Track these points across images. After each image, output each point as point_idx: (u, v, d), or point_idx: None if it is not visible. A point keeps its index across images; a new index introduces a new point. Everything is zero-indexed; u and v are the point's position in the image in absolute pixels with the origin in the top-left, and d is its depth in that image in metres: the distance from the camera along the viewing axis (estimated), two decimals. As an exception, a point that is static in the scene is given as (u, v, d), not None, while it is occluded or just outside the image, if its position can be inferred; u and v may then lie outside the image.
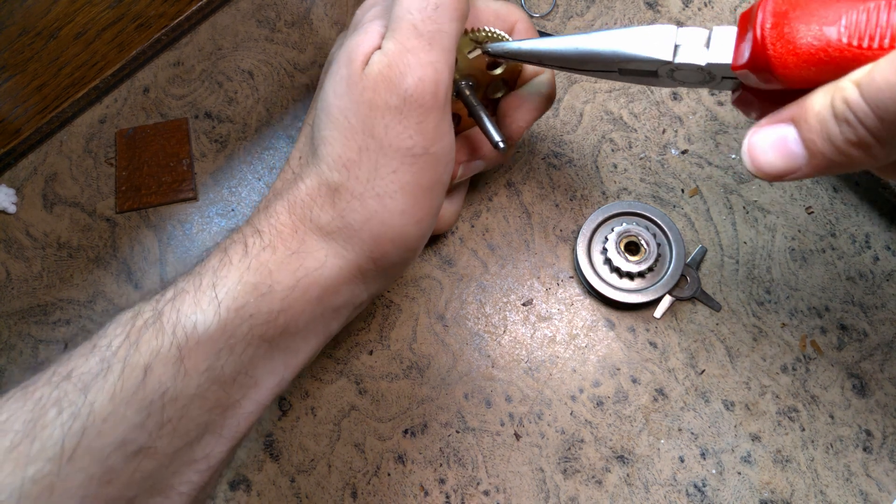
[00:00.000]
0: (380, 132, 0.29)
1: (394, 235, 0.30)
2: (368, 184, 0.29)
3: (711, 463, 0.42)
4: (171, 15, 0.52)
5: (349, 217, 0.30)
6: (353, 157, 0.29)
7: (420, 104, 0.29)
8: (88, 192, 0.50)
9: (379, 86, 0.28)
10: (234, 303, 0.28)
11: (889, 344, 0.44)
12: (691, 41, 0.27)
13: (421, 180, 0.30)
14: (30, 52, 0.51)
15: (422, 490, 0.42)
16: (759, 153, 0.25)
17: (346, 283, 0.31)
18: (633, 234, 0.44)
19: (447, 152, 0.31)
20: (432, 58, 0.29)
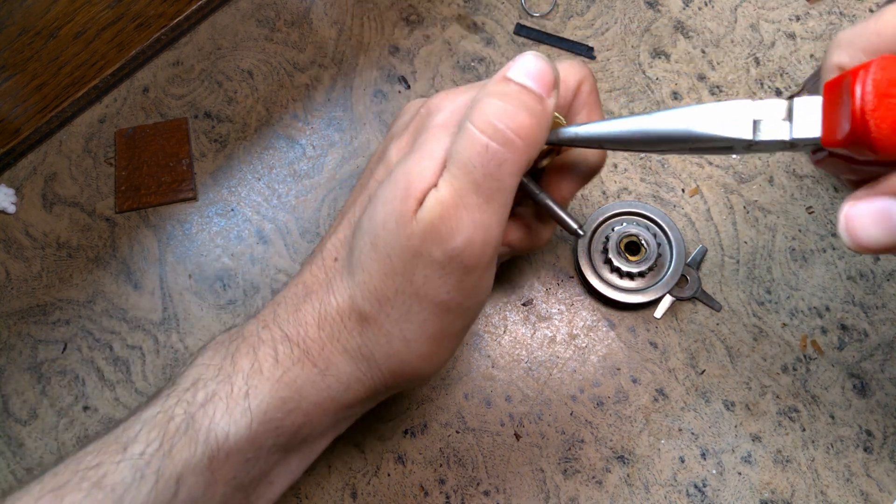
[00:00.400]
0: (419, 280, 0.28)
1: (411, 374, 0.31)
2: (397, 325, 0.29)
3: (712, 463, 0.42)
4: (170, 14, 0.52)
5: (373, 349, 0.30)
6: (388, 296, 0.29)
7: (465, 265, 0.28)
8: (88, 192, 0.50)
9: (427, 236, 0.27)
10: (264, 415, 0.29)
11: (890, 344, 0.44)
12: (771, 115, 0.26)
13: (448, 330, 0.30)
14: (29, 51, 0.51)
15: (422, 490, 0.42)
16: (859, 228, 0.24)
17: (361, 401, 0.32)
18: (633, 234, 0.44)
19: (481, 304, 0.31)
20: (486, 218, 0.27)
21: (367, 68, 0.52)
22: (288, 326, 0.31)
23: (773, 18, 0.51)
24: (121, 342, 0.46)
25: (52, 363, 0.46)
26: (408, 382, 0.32)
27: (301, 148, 0.50)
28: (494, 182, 0.27)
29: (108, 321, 0.47)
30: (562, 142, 0.30)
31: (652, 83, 0.49)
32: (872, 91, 0.22)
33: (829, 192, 0.47)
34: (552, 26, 0.51)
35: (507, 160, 0.26)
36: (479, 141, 0.26)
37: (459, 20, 0.52)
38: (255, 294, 0.47)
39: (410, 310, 0.29)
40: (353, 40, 0.52)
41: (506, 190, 0.27)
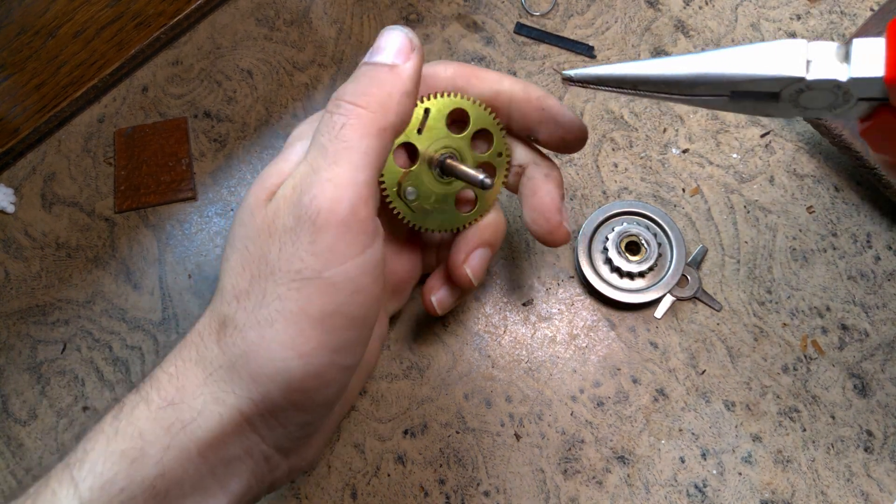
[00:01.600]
0: (273, 256, 0.26)
1: (271, 372, 0.26)
2: (253, 314, 0.26)
3: (712, 463, 0.42)
4: (170, 13, 0.51)
5: (229, 352, 0.26)
6: (245, 288, 0.27)
7: (312, 221, 0.26)
8: (87, 192, 0.50)
9: (280, 209, 0.27)
10: (97, 480, 0.24)
11: (890, 344, 0.43)
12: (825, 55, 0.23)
13: (309, 308, 0.26)
14: (28, 50, 0.51)
15: (422, 490, 0.42)
16: None
17: (232, 433, 0.27)
18: (633, 234, 0.44)
19: (350, 279, 0.26)
20: (333, 174, 0.26)
21: (367, 67, 0.51)
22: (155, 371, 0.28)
23: (774, 17, 0.51)
24: (120, 342, 0.46)
25: (51, 363, 0.46)
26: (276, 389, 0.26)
27: (301, 147, 0.50)
28: (341, 143, 0.27)
29: (107, 321, 0.47)
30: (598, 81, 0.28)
31: (652, 82, 0.49)
32: None
33: (829, 191, 0.47)
34: (552, 25, 0.51)
35: (350, 123, 0.27)
36: (325, 117, 0.28)
37: (459, 19, 0.52)
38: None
39: (266, 292, 0.26)
40: (352, 39, 0.52)
41: (355, 149, 0.27)
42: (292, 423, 0.28)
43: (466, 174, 0.34)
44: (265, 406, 0.27)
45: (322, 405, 0.29)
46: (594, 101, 0.49)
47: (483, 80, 0.35)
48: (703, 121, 0.49)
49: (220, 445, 0.26)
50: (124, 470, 0.25)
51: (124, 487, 0.25)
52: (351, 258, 0.27)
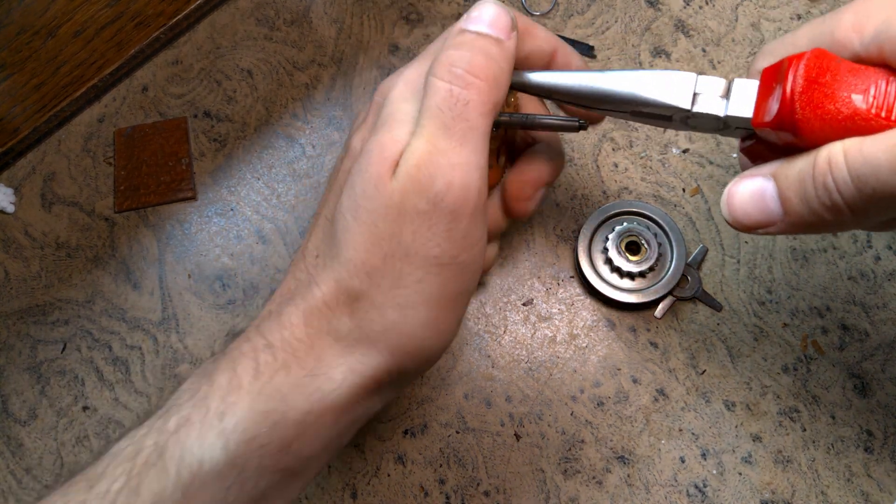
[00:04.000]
0: (407, 238, 0.27)
1: (413, 348, 0.28)
2: (390, 293, 0.27)
3: (712, 463, 0.42)
4: (169, 13, 0.51)
5: (367, 328, 0.28)
6: (377, 265, 0.27)
7: (450, 210, 0.27)
8: (87, 192, 0.50)
9: (408, 189, 0.27)
10: (243, 435, 0.26)
11: (890, 344, 0.43)
12: (710, 90, 0.27)
13: (446, 291, 0.28)
14: (28, 50, 0.51)
15: (422, 490, 0.42)
16: (737, 204, 0.26)
17: (362, 399, 0.29)
18: (633, 234, 0.44)
19: (476, 260, 0.29)
20: (462, 159, 0.27)
21: (367, 67, 0.51)
22: (271, 334, 0.28)
23: (774, 17, 0.51)
24: (120, 342, 0.46)
25: (51, 363, 0.46)
26: (414, 362, 0.29)
27: (301, 147, 0.50)
28: (464, 122, 0.27)
29: (107, 321, 0.47)
30: (521, 85, 0.31)
31: (652, 82, 0.49)
32: (803, 76, 0.24)
33: (830, 191, 0.47)
34: (552, 25, 0.51)
35: (473, 100, 0.27)
36: (443, 87, 0.27)
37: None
38: (254, 294, 0.47)
39: (402, 273, 0.27)
40: (352, 39, 0.52)
41: (477, 129, 0.27)
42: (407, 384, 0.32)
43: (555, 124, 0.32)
44: (397, 374, 0.29)
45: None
46: (594, 100, 0.49)
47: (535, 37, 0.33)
48: (703, 121, 0.49)
49: (352, 409, 0.29)
50: (267, 430, 0.26)
51: (265, 444, 0.26)
52: (479, 242, 0.28)
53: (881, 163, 0.21)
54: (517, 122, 0.32)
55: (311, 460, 0.29)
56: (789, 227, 0.25)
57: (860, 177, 0.22)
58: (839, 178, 0.22)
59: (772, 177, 0.25)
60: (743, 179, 0.26)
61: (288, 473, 0.28)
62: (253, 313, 0.46)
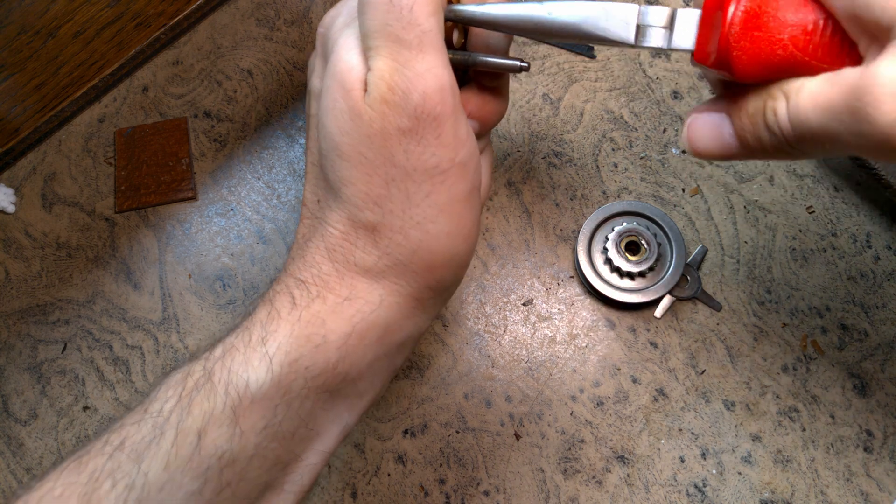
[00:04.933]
0: (401, 159, 0.27)
1: (445, 259, 0.29)
2: (405, 214, 0.28)
3: (712, 463, 0.42)
4: (170, 13, 0.51)
5: (395, 253, 0.28)
6: (382, 192, 0.28)
7: (433, 117, 0.27)
8: (87, 192, 0.50)
9: (385, 112, 0.27)
10: (286, 357, 0.27)
11: (890, 344, 0.44)
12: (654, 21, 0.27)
13: (457, 194, 0.28)
14: (28, 50, 0.51)
15: (422, 490, 0.42)
16: (697, 137, 0.28)
17: (407, 317, 0.30)
18: (633, 234, 0.44)
19: (473, 154, 0.29)
20: (428, 63, 0.27)
21: (367, 67, 0.51)
22: (300, 272, 0.29)
23: (774, 17, 0.51)
24: (120, 342, 0.46)
25: (51, 363, 0.46)
26: (449, 271, 0.30)
27: (301, 147, 0.50)
28: (415, 28, 0.26)
29: (107, 321, 0.47)
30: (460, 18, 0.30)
31: (652, 82, 0.49)
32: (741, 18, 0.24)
33: (829, 191, 0.47)
34: (552, 25, 0.51)
35: (417, 3, 0.26)
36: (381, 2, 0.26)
37: None
38: (255, 294, 0.47)
39: (409, 192, 0.28)
40: (352, 39, 0.52)
41: (431, 31, 0.27)
42: (451, 294, 0.32)
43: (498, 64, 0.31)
44: (437, 286, 0.30)
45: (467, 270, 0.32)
46: (594, 101, 0.49)
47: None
48: (702, 121, 0.49)
49: (397, 330, 0.29)
50: (309, 352, 0.27)
51: (309, 366, 0.27)
52: (469, 137, 0.28)
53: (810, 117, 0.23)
54: (459, 60, 0.31)
55: (359, 382, 0.29)
56: (745, 156, 0.27)
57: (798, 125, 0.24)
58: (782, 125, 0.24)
59: (727, 115, 0.27)
60: (702, 114, 0.28)
61: (336, 395, 0.29)
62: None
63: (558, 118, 0.49)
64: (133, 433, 0.26)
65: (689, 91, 0.49)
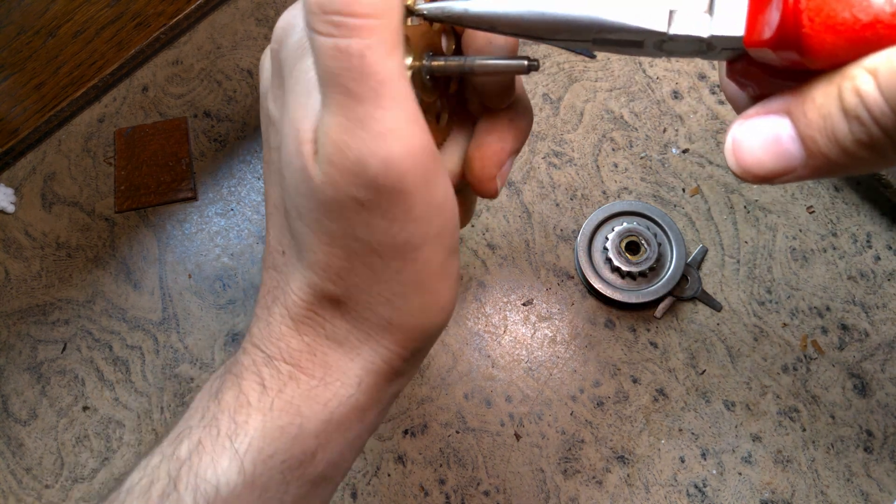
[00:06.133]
0: (363, 233, 0.23)
1: (420, 333, 0.26)
2: (372, 290, 0.25)
3: (712, 463, 0.42)
4: (169, 13, 0.51)
5: (365, 328, 0.26)
6: (344, 265, 0.24)
7: (398, 189, 0.22)
8: (87, 192, 0.50)
9: (337, 181, 0.22)
10: (259, 454, 0.24)
11: (890, 344, 0.43)
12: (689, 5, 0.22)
13: (431, 267, 0.24)
14: (28, 50, 0.51)
15: (422, 490, 0.42)
16: (747, 151, 0.21)
17: (385, 387, 0.27)
18: (633, 234, 0.44)
19: (451, 219, 0.24)
20: (388, 123, 0.21)
21: (367, 67, 0.51)
22: (266, 345, 0.26)
23: (774, 17, 0.51)
24: (120, 342, 0.46)
25: (51, 363, 0.46)
26: (425, 339, 0.27)
27: (301, 147, 0.50)
28: (370, 78, 0.21)
29: (107, 321, 0.47)
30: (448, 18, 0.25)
31: (652, 82, 0.49)
32: None
33: (829, 191, 0.47)
34: (552, 25, 0.51)
35: (368, 46, 0.20)
36: (326, 45, 0.21)
37: None
38: (255, 294, 0.47)
39: (375, 268, 0.24)
40: (352, 39, 0.52)
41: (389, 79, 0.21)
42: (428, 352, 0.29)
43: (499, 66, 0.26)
44: (412, 354, 0.27)
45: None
46: (594, 100, 0.49)
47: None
48: (703, 120, 0.49)
49: (376, 403, 0.27)
50: (285, 445, 0.25)
51: (286, 459, 0.25)
52: (447, 201, 0.24)
53: None
54: (453, 68, 0.26)
55: (341, 462, 0.27)
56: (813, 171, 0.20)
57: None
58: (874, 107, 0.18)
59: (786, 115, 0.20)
60: (748, 120, 0.21)
61: (317, 481, 0.27)
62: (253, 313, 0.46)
63: (558, 118, 0.49)
64: None
65: (689, 91, 0.49)
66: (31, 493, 0.44)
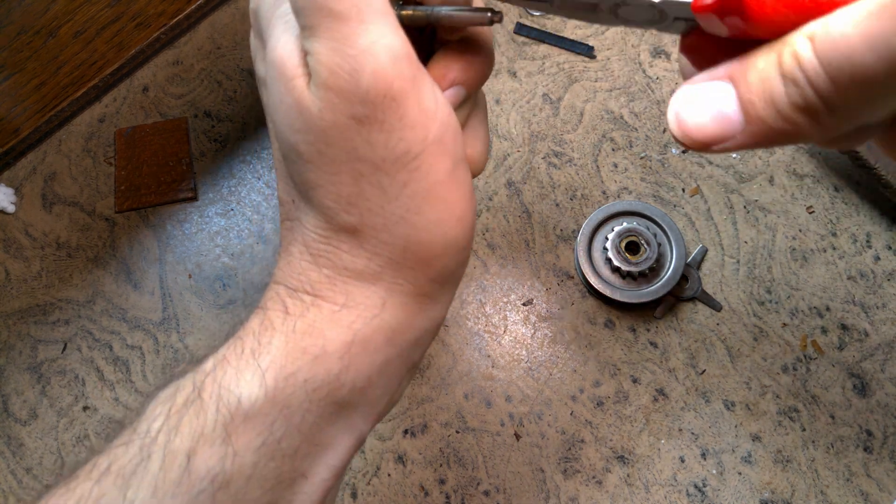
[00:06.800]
0: (365, 151, 0.24)
1: (441, 249, 0.26)
2: (385, 211, 0.25)
3: (712, 463, 0.42)
4: (170, 13, 0.51)
5: (385, 252, 0.26)
6: (353, 191, 0.25)
7: (391, 98, 0.23)
8: (87, 192, 0.50)
9: (333, 101, 0.23)
10: (281, 371, 0.25)
11: (890, 344, 0.44)
12: None
13: (438, 177, 0.25)
14: (28, 50, 0.51)
15: (422, 490, 0.42)
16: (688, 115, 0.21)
17: (416, 313, 0.27)
18: (633, 234, 0.44)
19: (449, 124, 0.25)
20: (374, 35, 0.22)
21: (367, 67, 0.51)
22: (288, 279, 0.27)
23: (774, 17, 0.51)
24: (120, 342, 0.46)
25: (51, 363, 0.46)
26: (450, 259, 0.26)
27: (301, 147, 0.50)
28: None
29: (107, 321, 0.47)
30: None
31: (652, 82, 0.49)
32: None
33: (829, 191, 0.47)
34: (552, 25, 0.51)
35: None
36: None
37: None
38: (255, 294, 0.47)
39: (384, 186, 0.24)
40: (352, 39, 0.52)
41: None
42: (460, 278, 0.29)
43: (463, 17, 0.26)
44: (441, 278, 0.27)
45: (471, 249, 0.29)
46: (594, 101, 0.49)
47: None
48: (702, 121, 0.49)
49: (408, 328, 0.27)
50: (307, 365, 0.25)
51: (308, 379, 0.25)
52: (439, 106, 0.24)
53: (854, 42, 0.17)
54: (419, 18, 0.26)
55: (370, 390, 0.27)
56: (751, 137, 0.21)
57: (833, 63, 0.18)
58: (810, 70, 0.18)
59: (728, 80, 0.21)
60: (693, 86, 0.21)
61: (343, 406, 0.26)
62: (253, 313, 0.46)
63: (558, 118, 0.49)
64: (120, 455, 0.25)
65: (689, 91, 0.49)
66: (32, 493, 0.44)
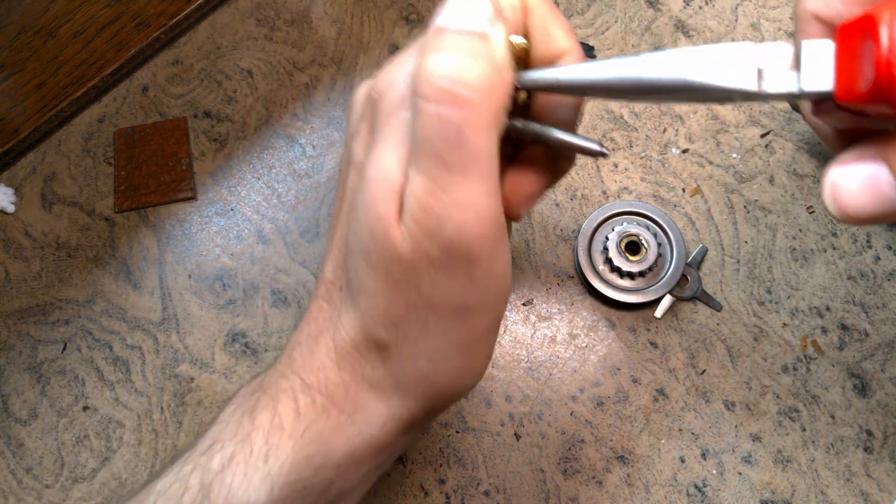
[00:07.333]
0: (426, 288, 0.25)
1: (449, 392, 0.28)
2: (419, 344, 0.26)
3: (712, 463, 0.42)
4: (170, 13, 0.51)
5: (400, 376, 0.27)
6: (400, 313, 0.26)
7: (466, 254, 0.24)
8: (87, 192, 0.50)
9: (417, 237, 0.24)
10: (287, 478, 0.26)
11: (890, 344, 0.43)
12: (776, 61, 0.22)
13: (475, 333, 0.26)
14: (28, 50, 0.51)
15: (422, 490, 0.42)
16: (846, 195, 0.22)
17: (400, 435, 0.29)
18: (633, 234, 0.44)
19: (504, 291, 0.26)
20: (468, 195, 0.23)
21: (367, 67, 0.51)
22: (306, 373, 0.28)
23: (774, 17, 0.51)
24: (120, 342, 0.46)
25: (51, 363, 0.46)
26: (447, 401, 0.29)
27: (301, 147, 0.50)
28: (461, 151, 0.23)
29: (107, 321, 0.47)
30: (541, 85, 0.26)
31: (652, 82, 0.49)
32: None
33: (829, 191, 0.47)
34: (552, 25, 0.51)
35: (467, 121, 0.22)
36: (429, 112, 0.23)
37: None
38: (254, 294, 0.47)
39: (427, 322, 0.26)
40: (352, 39, 0.52)
41: (480, 155, 0.23)
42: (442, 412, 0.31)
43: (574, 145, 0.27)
44: (433, 410, 0.29)
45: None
46: (594, 100, 0.49)
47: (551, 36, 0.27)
48: (703, 121, 0.49)
49: (389, 447, 0.29)
50: (308, 474, 0.26)
51: (307, 486, 0.27)
52: (504, 274, 0.26)
53: None
54: (530, 134, 0.27)
55: (353, 492, 0.29)
56: None
57: None
58: None
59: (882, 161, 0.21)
60: (846, 167, 0.22)
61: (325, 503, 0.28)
62: (253, 313, 0.46)
63: (558, 118, 0.49)
64: None
65: (689, 91, 0.49)
66: (31, 493, 0.44)
